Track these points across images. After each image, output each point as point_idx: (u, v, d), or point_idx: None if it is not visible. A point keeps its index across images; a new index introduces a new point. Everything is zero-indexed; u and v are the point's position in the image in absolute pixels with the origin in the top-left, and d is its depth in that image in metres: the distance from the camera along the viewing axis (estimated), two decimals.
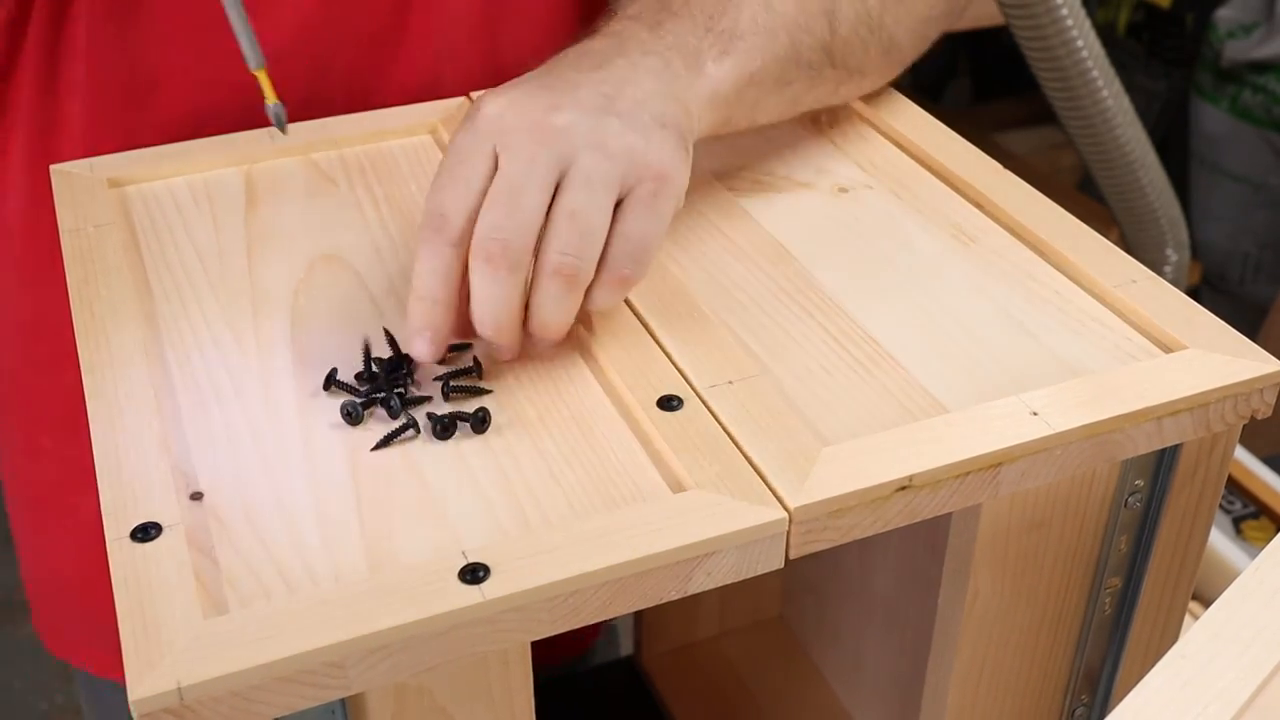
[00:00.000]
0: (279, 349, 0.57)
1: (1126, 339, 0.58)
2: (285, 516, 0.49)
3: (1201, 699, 0.40)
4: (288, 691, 0.43)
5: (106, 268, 0.61)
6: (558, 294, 0.54)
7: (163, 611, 0.44)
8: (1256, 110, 2.26)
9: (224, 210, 0.67)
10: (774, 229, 0.66)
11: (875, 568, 0.76)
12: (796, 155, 0.72)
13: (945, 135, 0.72)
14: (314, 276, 0.62)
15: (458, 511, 0.49)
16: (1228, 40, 2.26)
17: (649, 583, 0.47)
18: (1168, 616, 0.62)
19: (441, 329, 0.55)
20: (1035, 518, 0.55)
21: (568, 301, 0.54)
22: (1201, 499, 0.59)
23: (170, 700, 0.41)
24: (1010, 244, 0.64)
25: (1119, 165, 1.46)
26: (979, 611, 0.57)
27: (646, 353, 0.56)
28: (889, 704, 0.78)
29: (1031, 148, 2.47)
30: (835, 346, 0.57)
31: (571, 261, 0.53)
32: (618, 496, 0.50)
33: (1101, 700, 0.64)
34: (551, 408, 0.54)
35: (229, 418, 0.53)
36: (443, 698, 0.48)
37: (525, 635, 0.46)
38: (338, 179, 0.70)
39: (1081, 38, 1.32)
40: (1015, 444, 0.51)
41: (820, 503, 0.48)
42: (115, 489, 0.48)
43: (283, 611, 0.44)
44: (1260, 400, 0.55)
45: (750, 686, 0.88)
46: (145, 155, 0.70)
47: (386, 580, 0.45)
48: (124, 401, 0.53)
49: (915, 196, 0.68)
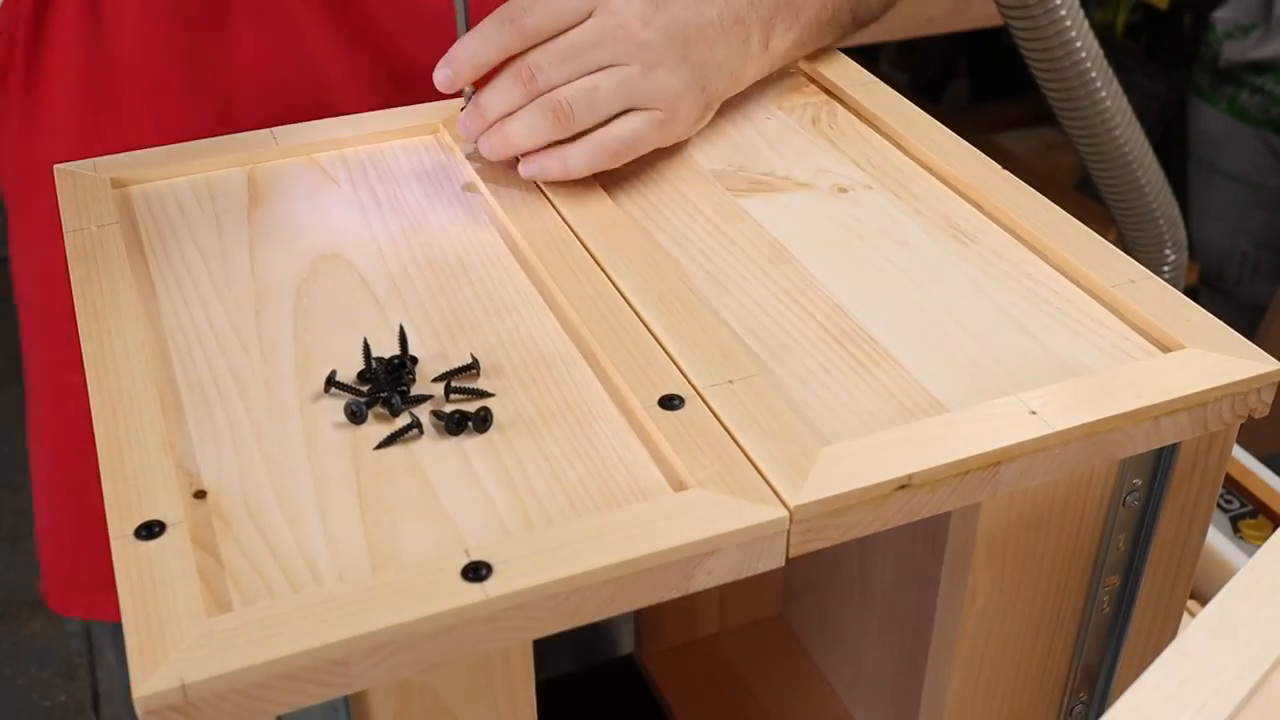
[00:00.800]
0: (282, 348, 0.58)
1: (1125, 339, 0.58)
2: (288, 515, 0.49)
3: (1199, 696, 0.40)
4: (291, 689, 0.43)
5: (110, 267, 0.61)
6: (537, 122, 0.65)
7: (166, 609, 0.44)
8: (1254, 111, 2.27)
9: (227, 210, 0.68)
10: (774, 229, 0.66)
11: (875, 566, 0.76)
12: (796, 155, 0.72)
13: (944, 135, 0.73)
14: (316, 276, 0.62)
15: (460, 510, 0.49)
16: (1225, 41, 2.26)
17: (650, 581, 0.47)
18: (1166, 614, 0.62)
19: (465, 78, 0.66)
20: (1034, 516, 0.56)
21: (539, 133, 0.65)
22: (1199, 498, 0.59)
23: (174, 698, 0.41)
24: (1009, 244, 0.65)
25: (1117, 165, 1.46)
26: (978, 609, 0.57)
27: (647, 352, 0.56)
28: (888, 702, 0.79)
29: (1030, 148, 2.47)
30: (835, 346, 0.57)
31: (567, 111, 0.65)
32: (619, 495, 0.50)
33: (1100, 697, 0.64)
34: (553, 407, 0.54)
35: (232, 416, 0.54)
36: (445, 695, 0.48)
37: (527, 633, 0.46)
38: (340, 179, 0.70)
39: (1080, 39, 1.32)
40: (1014, 443, 0.51)
41: (820, 501, 0.49)
42: (119, 487, 0.49)
43: (286, 609, 0.44)
44: (1258, 399, 0.55)
45: (750, 685, 0.88)
46: (148, 155, 0.71)
47: (389, 578, 0.45)
48: (128, 400, 0.53)
49: (914, 196, 0.68)
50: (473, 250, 0.65)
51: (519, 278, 0.63)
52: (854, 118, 0.76)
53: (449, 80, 0.66)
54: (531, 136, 0.66)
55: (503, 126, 0.66)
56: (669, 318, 0.58)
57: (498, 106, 0.66)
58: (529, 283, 0.62)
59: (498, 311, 0.60)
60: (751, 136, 0.74)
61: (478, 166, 0.70)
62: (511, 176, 0.69)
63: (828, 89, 0.79)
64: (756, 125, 0.75)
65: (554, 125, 0.65)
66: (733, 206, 0.68)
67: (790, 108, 0.77)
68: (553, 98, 0.65)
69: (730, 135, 0.74)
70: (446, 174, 0.71)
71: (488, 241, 0.65)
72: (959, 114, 2.59)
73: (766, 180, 0.70)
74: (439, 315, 0.60)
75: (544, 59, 0.65)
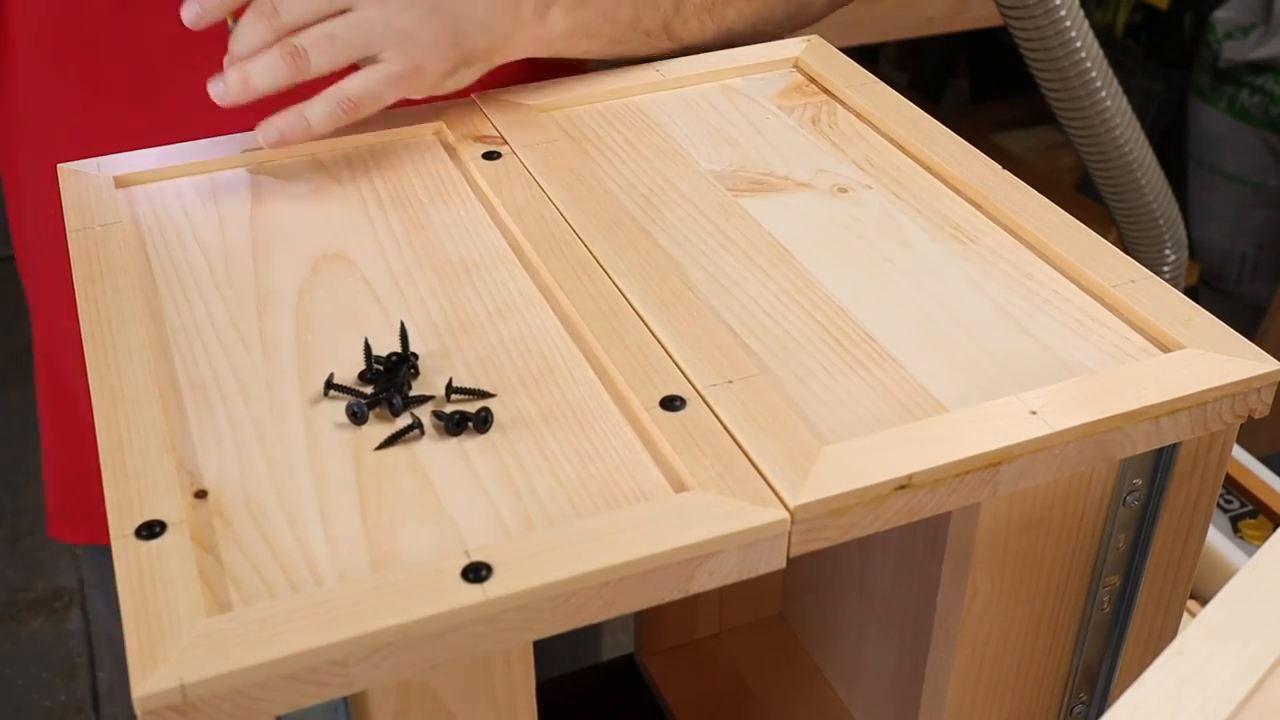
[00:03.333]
0: (284, 348, 0.58)
1: (1125, 339, 0.58)
2: (289, 515, 0.49)
3: (1199, 696, 0.40)
4: (291, 689, 0.43)
5: (113, 266, 0.61)
6: (274, 64, 0.66)
7: (167, 609, 0.44)
8: (1254, 111, 2.27)
9: (229, 209, 0.68)
10: (774, 229, 0.66)
11: (875, 566, 0.77)
12: (796, 155, 0.72)
13: (944, 135, 0.73)
14: (319, 275, 0.63)
15: (461, 510, 0.49)
16: (1225, 41, 2.26)
17: (651, 582, 0.47)
18: (1166, 614, 0.63)
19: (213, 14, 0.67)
20: (1034, 516, 0.56)
21: (275, 76, 0.66)
22: (1199, 498, 0.59)
23: (174, 698, 0.42)
24: (1009, 244, 0.65)
25: (1117, 165, 1.46)
26: (978, 609, 0.57)
27: (648, 353, 0.56)
28: (888, 702, 0.79)
29: (1030, 148, 2.47)
30: (835, 346, 0.58)
31: (304, 55, 0.65)
32: (620, 496, 0.50)
33: (1100, 697, 0.64)
34: (554, 407, 0.54)
35: (234, 416, 0.54)
36: (445, 696, 0.48)
37: (527, 634, 0.46)
38: (342, 178, 0.70)
39: (1080, 39, 1.32)
40: (1014, 443, 0.51)
41: (820, 502, 0.49)
42: (120, 486, 0.49)
43: (286, 610, 0.44)
44: (1258, 399, 0.55)
45: (750, 685, 0.88)
46: (151, 155, 0.71)
47: (389, 579, 0.45)
48: (129, 399, 0.53)
49: (914, 196, 0.69)
50: (475, 250, 0.65)
51: (521, 278, 0.63)
52: (854, 118, 0.76)
53: (196, 17, 0.67)
54: (268, 78, 0.66)
55: (243, 67, 0.67)
56: (669, 318, 0.58)
57: (244, 43, 0.67)
58: (530, 283, 0.62)
59: (499, 312, 0.60)
60: (751, 136, 0.74)
61: (479, 168, 0.70)
62: (513, 176, 0.69)
63: (828, 89, 0.79)
64: (756, 125, 0.76)
65: (290, 68, 0.66)
66: (733, 206, 0.68)
67: (790, 108, 0.77)
68: (290, 42, 0.66)
69: (730, 135, 0.75)
70: (449, 173, 0.71)
71: (490, 242, 0.65)
72: (959, 114, 2.59)
73: (766, 180, 0.70)
74: (440, 315, 0.60)
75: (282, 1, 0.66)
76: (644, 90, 0.79)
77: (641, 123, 0.76)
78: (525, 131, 0.73)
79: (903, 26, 2.08)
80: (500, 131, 0.73)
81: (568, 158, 0.70)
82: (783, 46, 0.83)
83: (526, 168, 0.69)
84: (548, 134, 0.73)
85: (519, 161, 0.70)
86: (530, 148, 0.71)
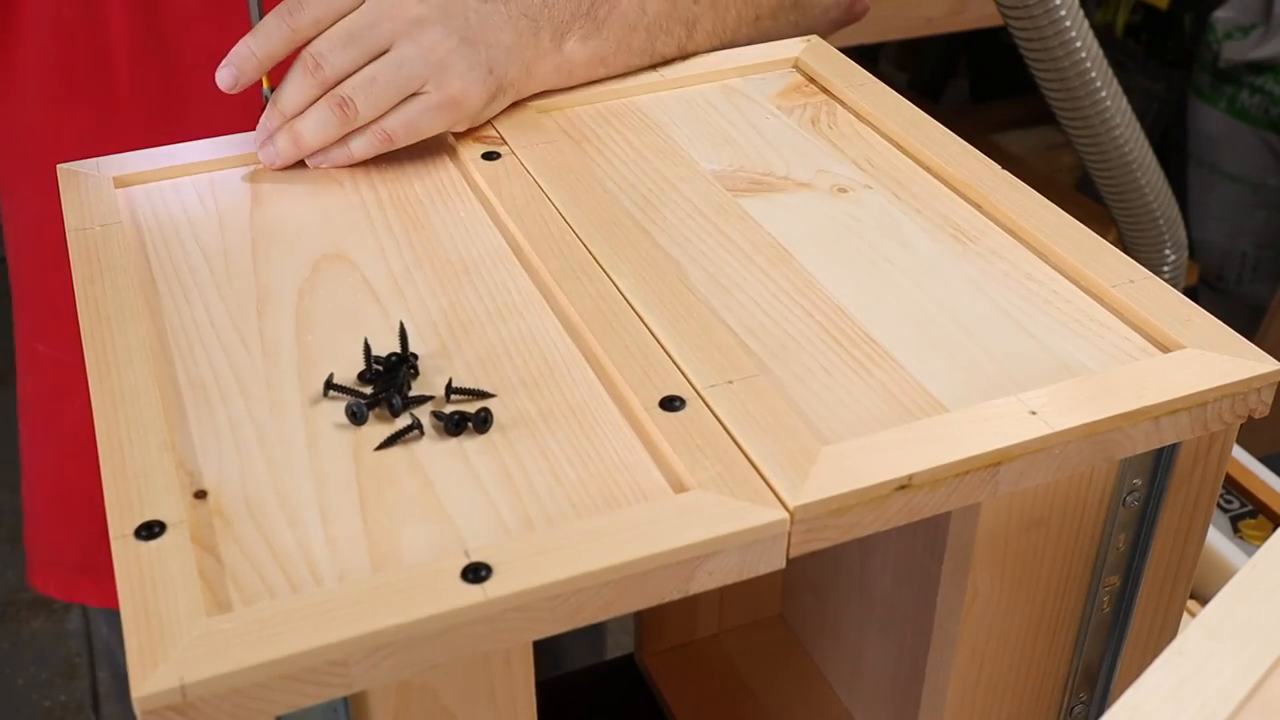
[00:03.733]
0: (283, 348, 0.58)
1: (1125, 339, 0.58)
2: (289, 515, 0.49)
3: (1199, 696, 0.40)
4: (291, 689, 0.43)
5: (112, 266, 0.61)
6: (325, 118, 0.67)
7: (166, 609, 0.44)
8: (1254, 111, 2.27)
9: (229, 209, 0.68)
10: (774, 229, 0.66)
11: (875, 566, 0.77)
12: (796, 155, 0.72)
13: (944, 135, 0.73)
14: (318, 275, 0.63)
15: (460, 510, 0.49)
16: (1225, 41, 2.26)
17: (651, 582, 0.47)
18: (1166, 614, 0.63)
19: (249, 76, 0.68)
20: (1034, 516, 0.56)
21: (326, 130, 0.68)
22: (1199, 498, 0.59)
23: (174, 698, 0.42)
24: (1009, 244, 0.65)
25: (1117, 165, 1.46)
26: (978, 609, 0.57)
27: (648, 353, 0.56)
28: (888, 702, 0.79)
29: (1030, 148, 2.47)
30: (835, 346, 0.58)
31: (350, 104, 0.67)
32: (620, 496, 0.50)
33: (1100, 697, 0.64)
34: (554, 407, 0.54)
35: (234, 416, 0.54)
36: (445, 696, 0.48)
37: (527, 635, 0.46)
38: (342, 179, 0.70)
39: (1080, 39, 1.32)
40: (1014, 443, 0.51)
41: (820, 502, 0.49)
42: (120, 487, 0.49)
43: (286, 610, 0.44)
44: (1258, 399, 0.55)
45: (750, 685, 0.88)
46: (151, 155, 0.71)
47: (389, 579, 0.45)
48: (129, 399, 0.53)
49: (914, 196, 0.69)
50: (474, 251, 0.65)
51: (520, 278, 0.63)
52: (854, 118, 0.76)
53: (233, 79, 0.68)
54: (320, 132, 0.68)
55: (293, 126, 0.68)
56: (669, 318, 0.58)
57: (292, 100, 0.68)
58: (530, 283, 0.62)
59: (499, 312, 0.60)
60: (751, 136, 0.74)
61: (478, 168, 0.70)
62: (513, 177, 0.69)
63: (828, 89, 0.79)
64: (756, 125, 0.76)
65: (340, 119, 0.67)
66: (733, 206, 0.68)
67: (790, 108, 0.77)
68: (337, 93, 0.67)
69: (730, 135, 0.75)
70: (449, 173, 0.71)
71: (489, 242, 0.65)
72: (959, 114, 2.59)
73: (766, 180, 0.70)
74: (440, 315, 0.60)
75: (325, 46, 0.67)
76: (644, 90, 0.79)
77: (641, 123, 0.76)
78: (525, 132, 0.73)
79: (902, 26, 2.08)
80: (500, 132, 0.73)
81: (567, 158, 0.71)
82: (782, 47, 0.83)
83: (526, 168, 0.69)
84: (547, 134, 0.73)
85: (518, 162, 0.70)
86: (530, 148, 0.71)
